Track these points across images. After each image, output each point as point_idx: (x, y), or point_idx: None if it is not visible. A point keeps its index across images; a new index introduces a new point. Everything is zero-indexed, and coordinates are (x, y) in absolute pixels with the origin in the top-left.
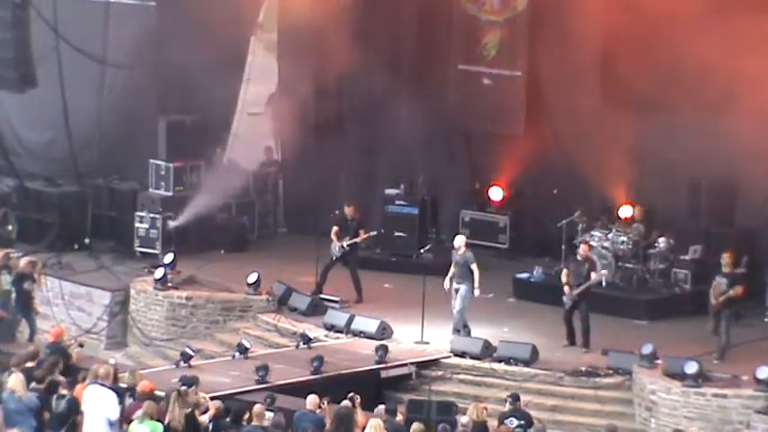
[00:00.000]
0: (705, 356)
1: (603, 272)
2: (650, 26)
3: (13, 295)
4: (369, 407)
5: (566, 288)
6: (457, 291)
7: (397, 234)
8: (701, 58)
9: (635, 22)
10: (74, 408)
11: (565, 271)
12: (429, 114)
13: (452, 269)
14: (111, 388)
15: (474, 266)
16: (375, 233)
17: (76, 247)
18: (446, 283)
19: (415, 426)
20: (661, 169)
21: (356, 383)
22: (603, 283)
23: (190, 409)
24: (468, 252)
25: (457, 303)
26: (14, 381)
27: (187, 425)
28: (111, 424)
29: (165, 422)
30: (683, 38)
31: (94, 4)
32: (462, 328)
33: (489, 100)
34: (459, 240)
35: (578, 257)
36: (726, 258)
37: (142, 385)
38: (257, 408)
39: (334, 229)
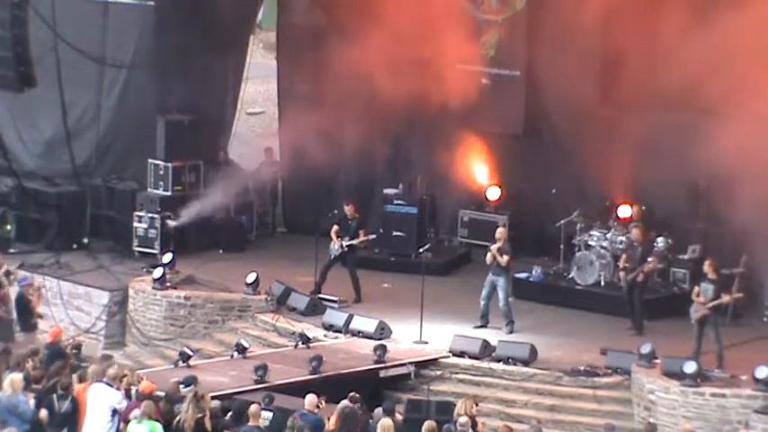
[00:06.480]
0: (704, 355)
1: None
2: (650, 26)
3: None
4: (367, 407)
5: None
6: (493, 283)
7: (395, 234)
8: (700, 59)
9: (634, 22)
10: (77, 408)
11: (624, 257)
12: (428, 114)
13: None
14: (117, 389)
15: (504, 258)
16: (374, 237)
17: (75, 246)
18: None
19: (428, 424)
20: (660, 169)
21: (355, 383)
22: (602, 282)
23: (201, 414)
24: (505, 245)
25: (501, 297)
26: (8, 382)
27: (195, 429)
28: (114, 411)
29: (180, 422)
30: (683, 37)
31: (93, 4)
32: (507, 325)
33: (488, 100)
34: (500, 232)
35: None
36: (708, 265)
37: (143, 386)
38: (253, 407)
39: (335, 228)
